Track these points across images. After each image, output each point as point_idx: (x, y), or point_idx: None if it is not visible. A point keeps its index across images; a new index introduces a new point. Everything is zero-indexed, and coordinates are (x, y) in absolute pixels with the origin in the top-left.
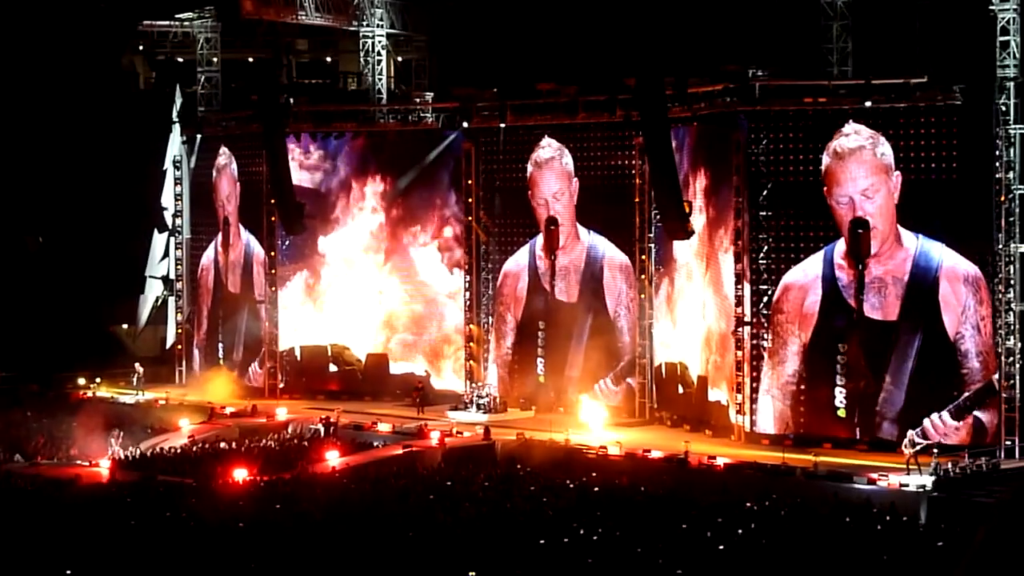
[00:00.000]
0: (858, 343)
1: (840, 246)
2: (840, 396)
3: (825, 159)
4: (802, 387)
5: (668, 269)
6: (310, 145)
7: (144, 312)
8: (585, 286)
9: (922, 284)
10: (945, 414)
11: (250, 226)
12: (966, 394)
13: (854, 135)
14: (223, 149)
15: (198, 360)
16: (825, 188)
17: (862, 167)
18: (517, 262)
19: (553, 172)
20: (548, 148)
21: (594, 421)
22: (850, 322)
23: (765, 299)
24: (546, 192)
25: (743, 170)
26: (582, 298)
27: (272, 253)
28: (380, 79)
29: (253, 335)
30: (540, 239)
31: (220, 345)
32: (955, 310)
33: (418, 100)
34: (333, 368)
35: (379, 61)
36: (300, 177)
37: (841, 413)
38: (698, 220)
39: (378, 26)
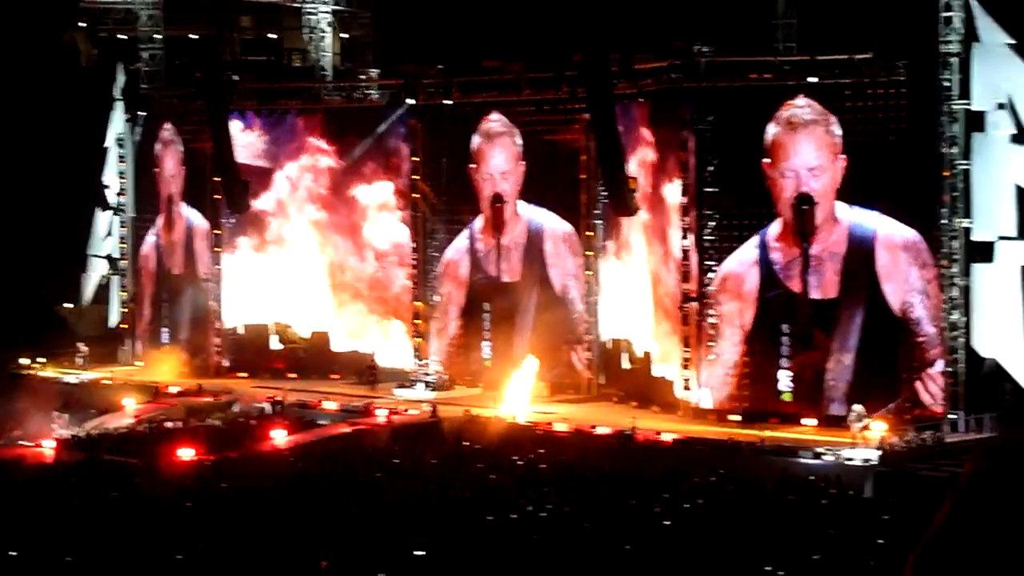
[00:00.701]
0: (803, 324)
1: (774, 228)
2: (785, 380)
3: (773, 128)
4: (746, 371)
5: (615, 245)
6: (255, 122)
7: (88, 291)
8: (528, 262)
9: (859, 257)
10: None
11: (195, 204)
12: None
13: (808, 108)
14: (168, 125)
15: (142, 342)
16: (768, 160)
17: (813, 143)
18: (457, 248)
19: (504, 149)
20: (499, 123)
21: (518, 397)
22: (791, 303)
23: (710, 275)
24: (494, 168)
25: (689, 146)
26: (526, 275)
27: (217, 231)
28: (325, 56)
29: (200, 313)
30: (479, 222)
31: (165, 329)
32: (897, 280)
33: (363, 77)
34: (277, 346)
35: (324, 38)
36: (246, 153)
37: (787, 397)
38: (644, 197)
39: (322, 3)
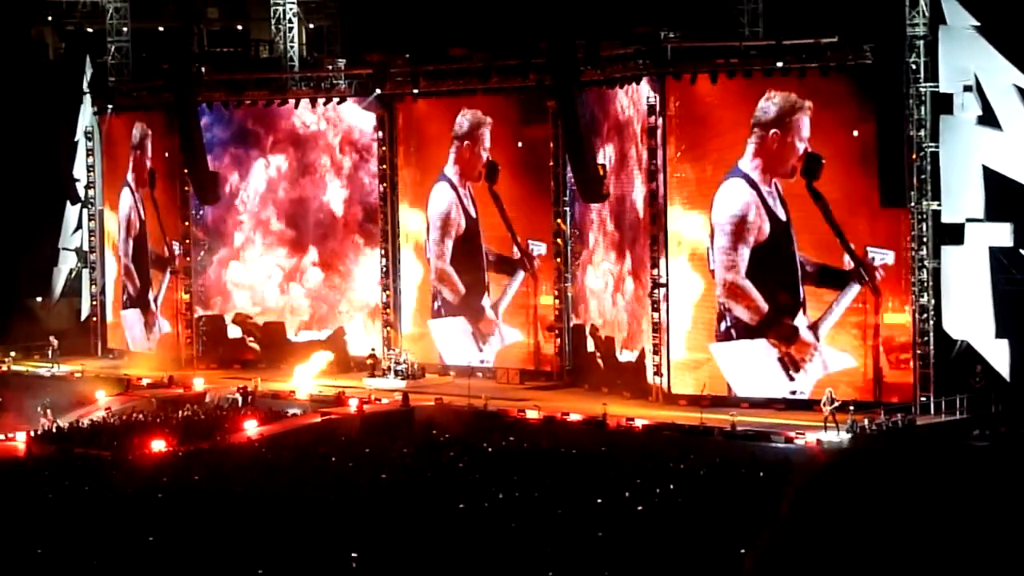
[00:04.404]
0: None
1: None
2: None
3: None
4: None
5: (583, 232)
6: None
7: (58, 284)
8: None
9: None
10: None
11: (166, 198)
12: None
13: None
14: (137, 118)
15: (113, 336)
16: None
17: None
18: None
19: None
20: (468, 117)
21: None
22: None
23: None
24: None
25: (656, 133)
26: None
27: (187, 223)
28: (292, 46)
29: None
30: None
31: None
32: None
33: (330, 67)
34: (236, 335)
35: (291, 28)
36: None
37: None
38: (612, 183)
39: None
